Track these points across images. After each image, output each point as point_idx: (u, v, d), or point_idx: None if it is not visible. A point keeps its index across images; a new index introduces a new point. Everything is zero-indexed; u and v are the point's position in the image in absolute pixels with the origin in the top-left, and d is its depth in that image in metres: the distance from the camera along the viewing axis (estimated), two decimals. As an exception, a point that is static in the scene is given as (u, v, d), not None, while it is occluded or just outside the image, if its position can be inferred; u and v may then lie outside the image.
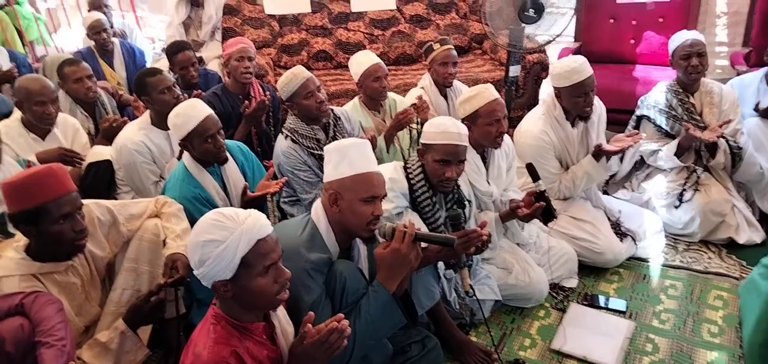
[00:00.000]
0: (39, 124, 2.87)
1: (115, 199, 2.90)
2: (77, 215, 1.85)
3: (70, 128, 3.07)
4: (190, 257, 1.48)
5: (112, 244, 2.10)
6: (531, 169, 2.38)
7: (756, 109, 3.12)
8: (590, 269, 2.81)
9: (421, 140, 2.24)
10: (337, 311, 1.76)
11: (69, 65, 3.33)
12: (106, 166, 2.89)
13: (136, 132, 2.82)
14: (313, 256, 1.74)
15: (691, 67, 2.99)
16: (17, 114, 2.95)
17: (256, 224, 1.46)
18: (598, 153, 2.77)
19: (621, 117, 3.58)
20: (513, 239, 2.62)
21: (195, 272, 1.48)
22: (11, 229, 2.32)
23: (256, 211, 1.50)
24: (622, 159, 3.05)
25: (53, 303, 1.72)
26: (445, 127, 2.16)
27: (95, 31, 4.34)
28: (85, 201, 1.97)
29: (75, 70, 3.30)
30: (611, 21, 4.42)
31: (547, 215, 2.31)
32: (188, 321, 2.23)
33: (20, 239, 1.91)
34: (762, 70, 3.30)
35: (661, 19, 4.27)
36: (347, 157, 1.77)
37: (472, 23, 4.95)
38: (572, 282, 2.70)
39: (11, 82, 3.92)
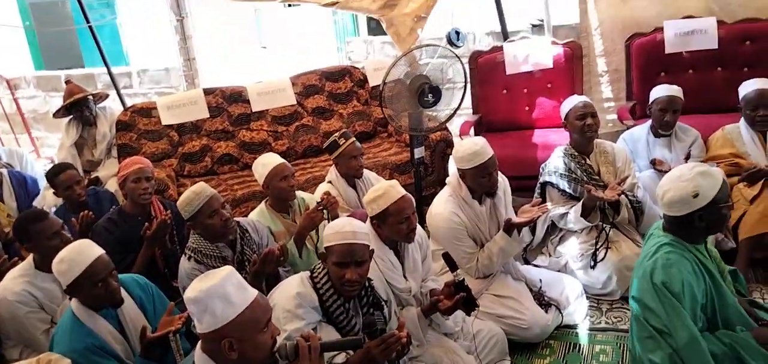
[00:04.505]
0: None
1: (2, 354, 2.62)
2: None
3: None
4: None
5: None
6: (448, 259, 2.36)
7: (652, 163, 3.30)
8: (521, 347, 2.78)
9: (324, 244, 2.16)
10: None
11: None
12: None
13: (17, 280, 2.56)
14: None
15: (586, 126, 3.14)
16: None
17: None
18: (509, 227, 2.79)
19: (526, 183, 3.67)
20: (439, 330, 2.55)
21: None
22: None
23: None
24: (534, 228, 3.10)
25: None
26: (338, 227, 2.12)
27: (-22, 164, 4.04)
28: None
29: None
30: (505, 91, 4.60)
31: (469, 305, 2.27)
32: None
33: None
34: (648, 123, 3.51)
35: (549, 85, 4.49)
36: (228, 297, 1.59)
37: (374, 108, 5.00)
38: (504, 364, 2.65)
39: None
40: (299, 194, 3.29)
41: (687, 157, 3.38)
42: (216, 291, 1.58)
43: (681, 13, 4.30)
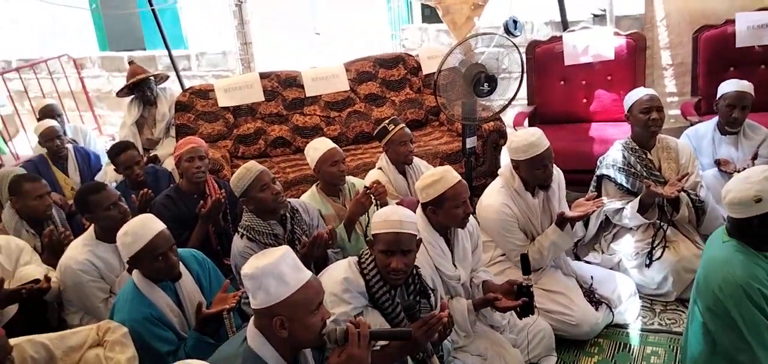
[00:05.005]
0: None
1: (64, 319, 2.76)
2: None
3: (13, 251, 2.86)
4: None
5: (51, 383, 1.92)
6: (524, 261, 2.32)
7: (717, 163, 3.15)
8: (569, 343, 2.72)
9: (371, 231, 2.16)
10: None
11: (29, 181, 3.14)
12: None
13: (81, 249, 2.67)
14: None
15: (651, 120, 3.02)
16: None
17: None
18: (562, 221, 2.73)
19: (581, 177, 3.57)
20: (486, 322, 2.52)
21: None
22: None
23: None
24: (587, 223, 3.02)
25: None
26: (385, 216, 2.11)
27: (48, 138, 4.23)
28: (16, 340, 1.83)
29: (36, 187, 3.11)
30: (562, 83, 4.48)
31: (526, 311, 2.24)
32: None
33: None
34: (715, 120, 3.35)
35: (609, 77, 4.35)
36: (282, 276, 1.61)
37: (426, 97, 4.97)
38: (551, 360, 2.60)
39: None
40: (349, 178, 3.31)
41: (755, 157, 3.21)
42: (271, 270, 1.60)
43: (754, 4, 4.07)
